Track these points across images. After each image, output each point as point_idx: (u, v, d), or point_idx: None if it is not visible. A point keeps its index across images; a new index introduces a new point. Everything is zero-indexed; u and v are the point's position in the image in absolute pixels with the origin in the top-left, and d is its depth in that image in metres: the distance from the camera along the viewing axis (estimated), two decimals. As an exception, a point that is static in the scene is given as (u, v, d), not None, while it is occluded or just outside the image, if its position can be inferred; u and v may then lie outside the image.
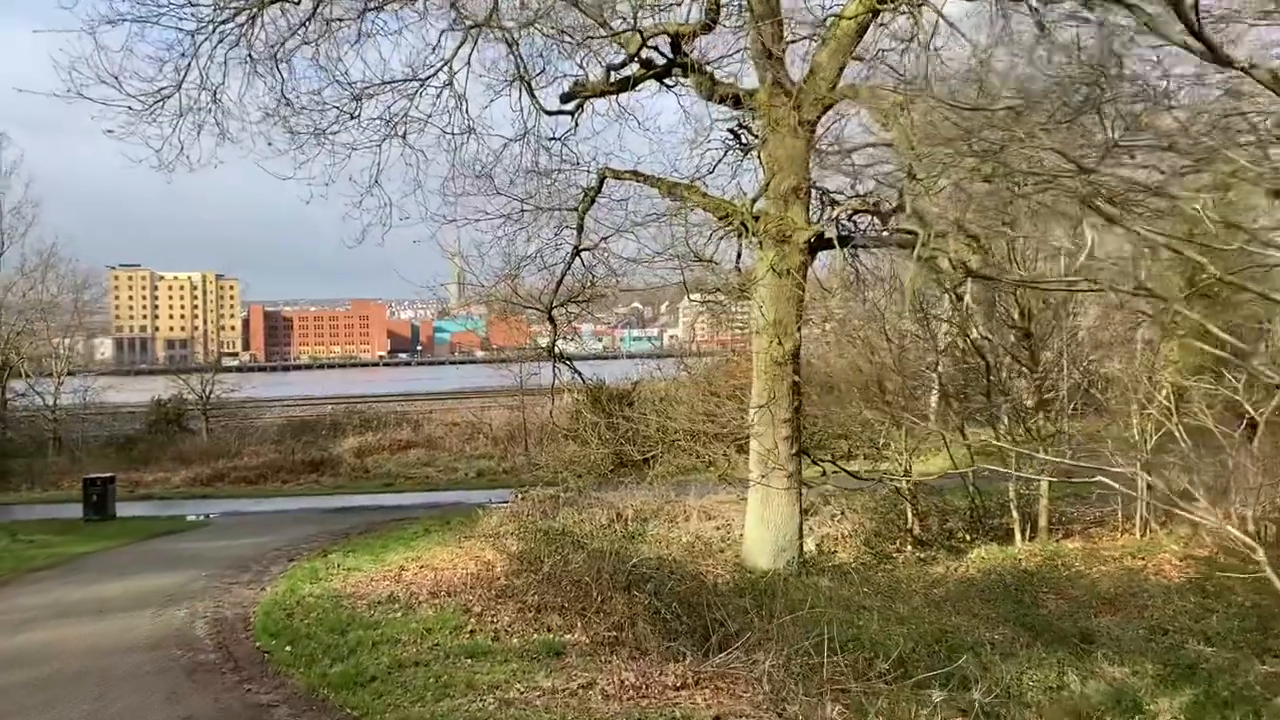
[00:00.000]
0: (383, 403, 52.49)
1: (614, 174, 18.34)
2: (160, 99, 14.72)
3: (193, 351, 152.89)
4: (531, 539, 17.27)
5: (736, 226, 16.78)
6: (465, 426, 44.23)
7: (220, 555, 19.93)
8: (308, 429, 43.95)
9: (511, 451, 39.34)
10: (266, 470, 36.85)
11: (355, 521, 25.55)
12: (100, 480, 28.94)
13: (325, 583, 15.55)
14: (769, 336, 16.63)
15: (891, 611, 14.60)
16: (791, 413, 16.83)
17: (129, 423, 44.39)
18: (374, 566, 17.16)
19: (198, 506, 30.99)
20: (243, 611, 13.76)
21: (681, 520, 21.80)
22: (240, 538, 23.16)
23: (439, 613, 12.33)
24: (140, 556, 20.39)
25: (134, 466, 37.47)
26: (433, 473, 37.25)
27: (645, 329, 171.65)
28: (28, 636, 12.61)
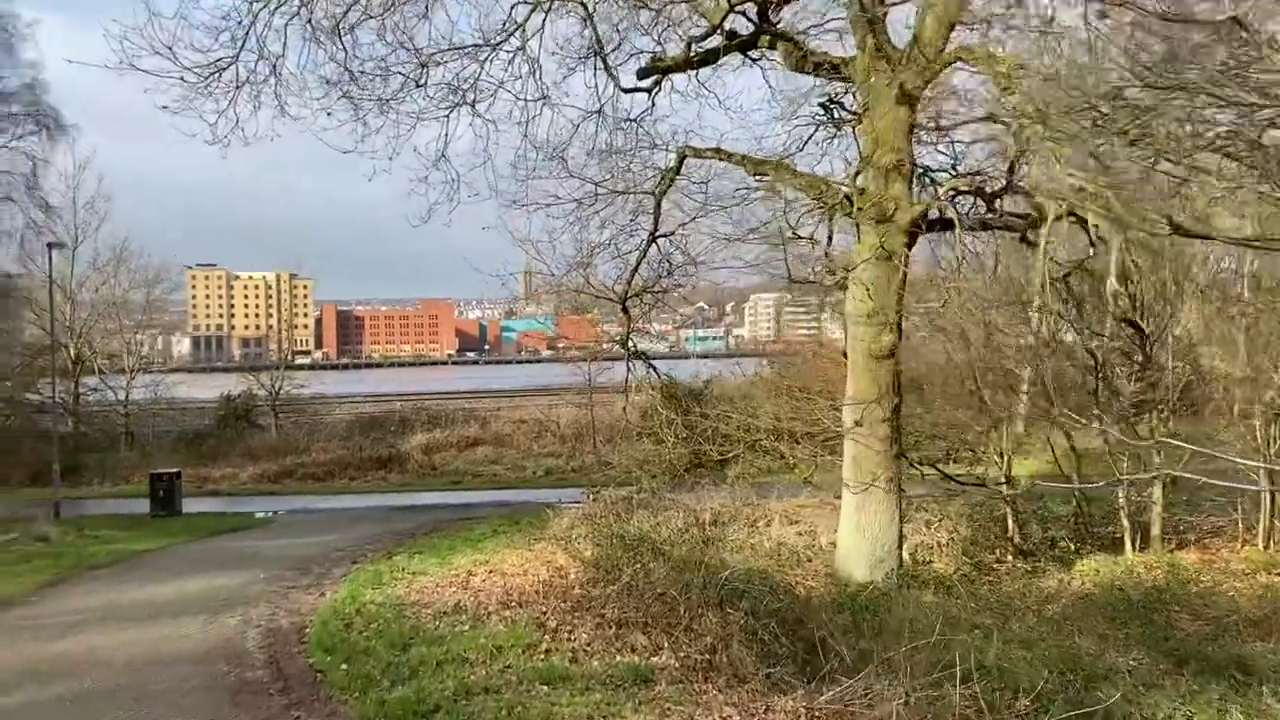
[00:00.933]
0: (451, 400, 51.67)
1: (695, 152, 16.95)
2: (216, 70, 13.68)
3: (266, 349, 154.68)
4: (607, 544, 15.97)
5: (832, 207, 15.28)
6: (533, 424, 43.14)
7: (282, 555, 18.94)
8: (376, 425, 43.20)
9: (580, 450, 38.16)
10: (334, 467, 36.10)
11: (422, 520, 24.52)
12: (167, 476, 28.31)
13: (388, 588, 14.39)
14: (867, 328, 15.11)
15: (1008, 632, 13.01)
16: (891, 412, 15.28)
17: (199, 419, 44.06)
18: (440, 570, 15.99)
19: (264, 503, 30.27)
20: (299, 620, 12.62)
21: (762, 525, 20.32)
22: (304, 536, 22.23)
23: (510, 627, 11.04)
24: (201, 555, 19.49)
25: (203, 462, 36.97)
26: (500, 471, 36.22)
27: (711, 328, 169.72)
28: (71, 643, 11.60)
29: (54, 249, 28.50)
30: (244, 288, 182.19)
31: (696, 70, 18.00)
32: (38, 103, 26.22)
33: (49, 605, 14.25)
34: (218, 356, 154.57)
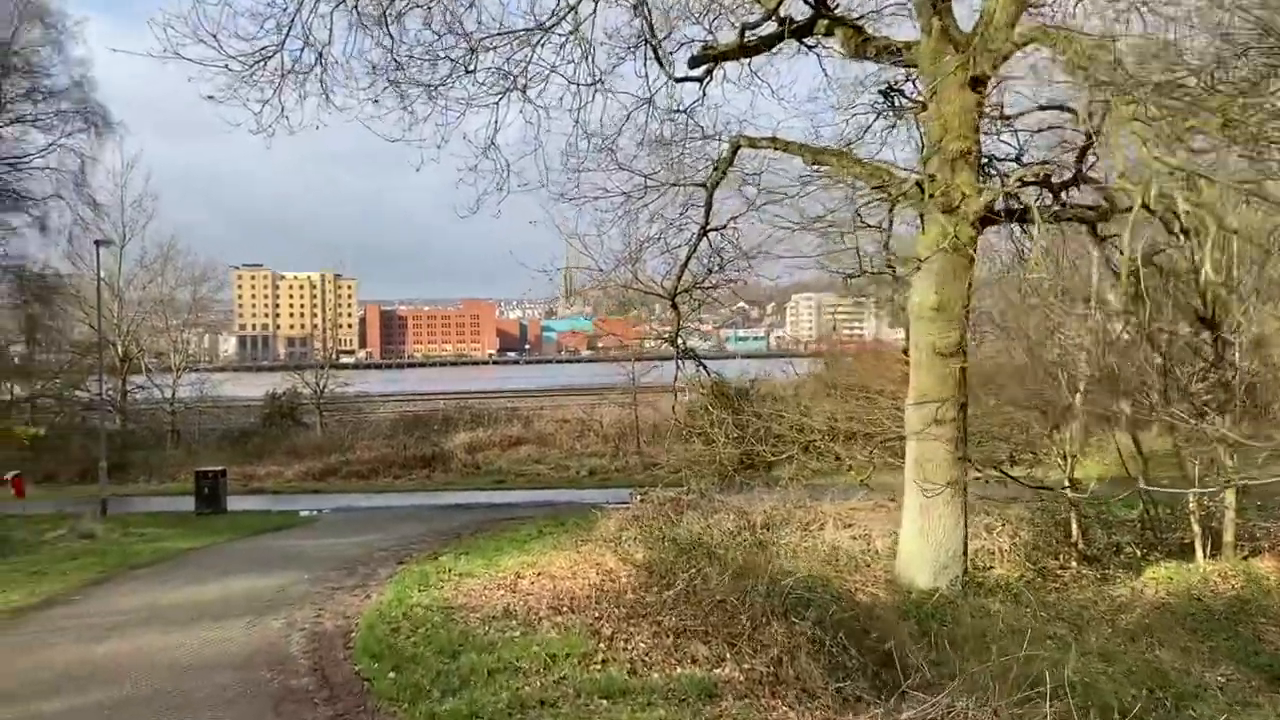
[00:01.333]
0: (494, 399, 51.41)
1: (750, 142, 16.32)
2: (261, 59, 13.27)
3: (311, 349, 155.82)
4: (659, 548, 15.41)
5: (897, 197, 14.60)
6: (575, 424, 42.72)
7: (326, 555, 18.57)
8: (420, 424, 42.97)
9: (623, 450, 37.65)
10: (378, 465, 35.90)
11: (466, 520, 24.12)
12: (212, 474, 28.16)
13: (435, 591, 13.90)
14: (933, 323, 14.42)
15: (1084, 644, 12.28)
16: (957, 411, 14.57)
17: (245, 417, 44.09)
18: (488, 572, 15.50)
19: (308, 501, 30.08)
20: (344, 624, 12.16)
21: (815, 528, 19.63)
22: (348, 535, 21.88)
23: (563, 634, 10.49)
24: (245, 554, 19.17)
25: (248, 460, 36.93)
26: (544, 470, 35.82)
27: (752, 328, 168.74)
28: (112, 646, 11.22)
29: (102, 246, 28.43)
30: (289, 288, 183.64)
31: (749, 58, 17.39)
32: (86, 100, 26.18)
33: (92, 604, 13.93)
34: (263, 355, 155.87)
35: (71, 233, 27.19)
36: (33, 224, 25.90)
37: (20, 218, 25.70)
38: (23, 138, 25.85)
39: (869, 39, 15.45)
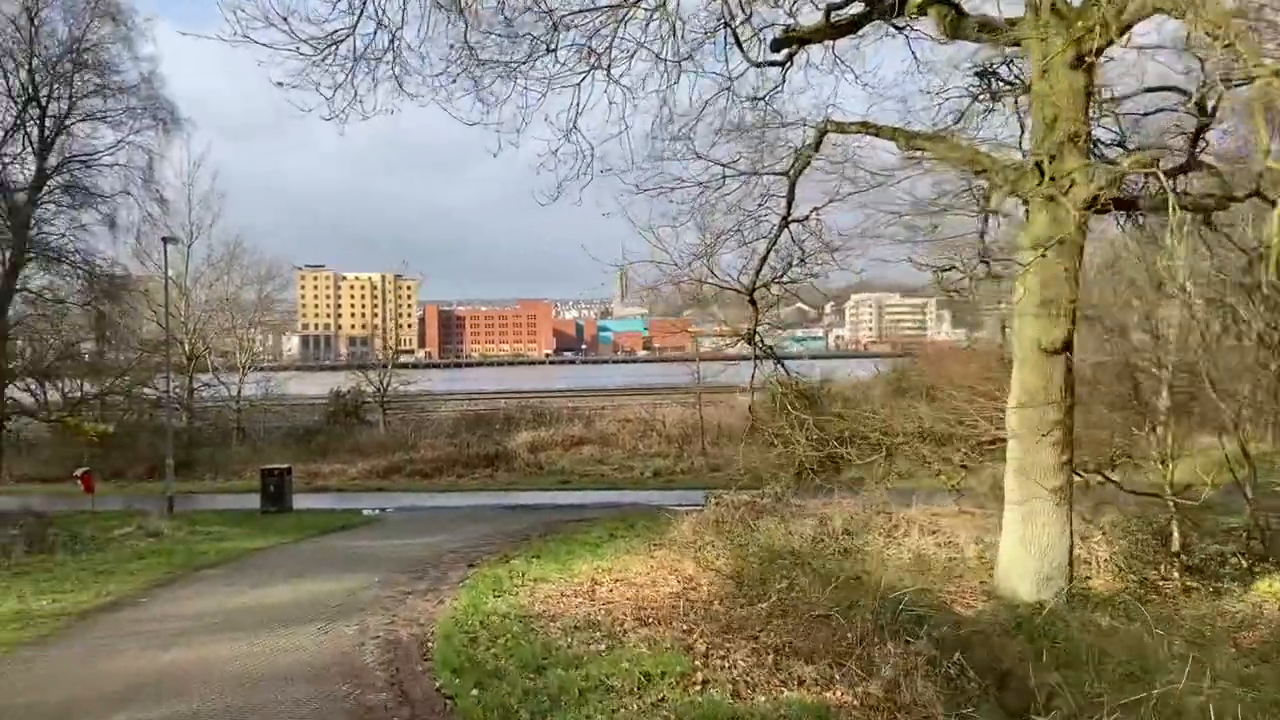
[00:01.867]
0: (555, 398, 50.91)
1: (837, 127, 15.42)
2: (332, 43, 12.70)
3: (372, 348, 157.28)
4: (744, 555, 14.61)
5: (999, 183, 13.63)
6: (638, 424, 42.01)
7: (394, 556, 18.02)
8: (482, 423, 42.56)
9: (687, 451, 36.84)
10: (442, 464, 35.50)
11: (533, 521, 23.51)
12: (277, 471, 27.88)
13: (511, 596, 13.23)
14: (1037, 319, 13.42)
15: (1211, 667, 11.23)
16: (1064, 413, 13.56)
17: (308, 415, 44.02)
18: (562, 577, 14.81)
19: (372, 500, 29.72)
20: (419, 631, 11.51)
21: (899, 534, 18.67)
22: (415, 536, 21.36)
23: (654, 649, 9.71)
24: (311, 555, 18.69)
25: (312, 458, 36.74)
26: (608, 470, 35.13)
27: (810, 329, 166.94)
28: (179, 654, 10.67)
29: (169, 243, 28.29)
30: (350, 288, 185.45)
31: (834, 40, 16.50)
32: (154, 97, 26.01)
33: (158, 607, 13.46)
34: (325, 355, 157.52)
35: (140, 230, 27.07)
36: (102, 221, 25.81)
37: (90, 214, 25.62)
38: (93, 135, 25.75)
39: (966, 17, 14.48)
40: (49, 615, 12.72)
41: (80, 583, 15.23)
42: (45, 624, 12.23)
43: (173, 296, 33.48)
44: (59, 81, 24.69)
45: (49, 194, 25.13)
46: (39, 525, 20.16)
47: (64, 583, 15.20)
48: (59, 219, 25.52)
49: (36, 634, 11.69)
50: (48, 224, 25.45)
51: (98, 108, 25.55)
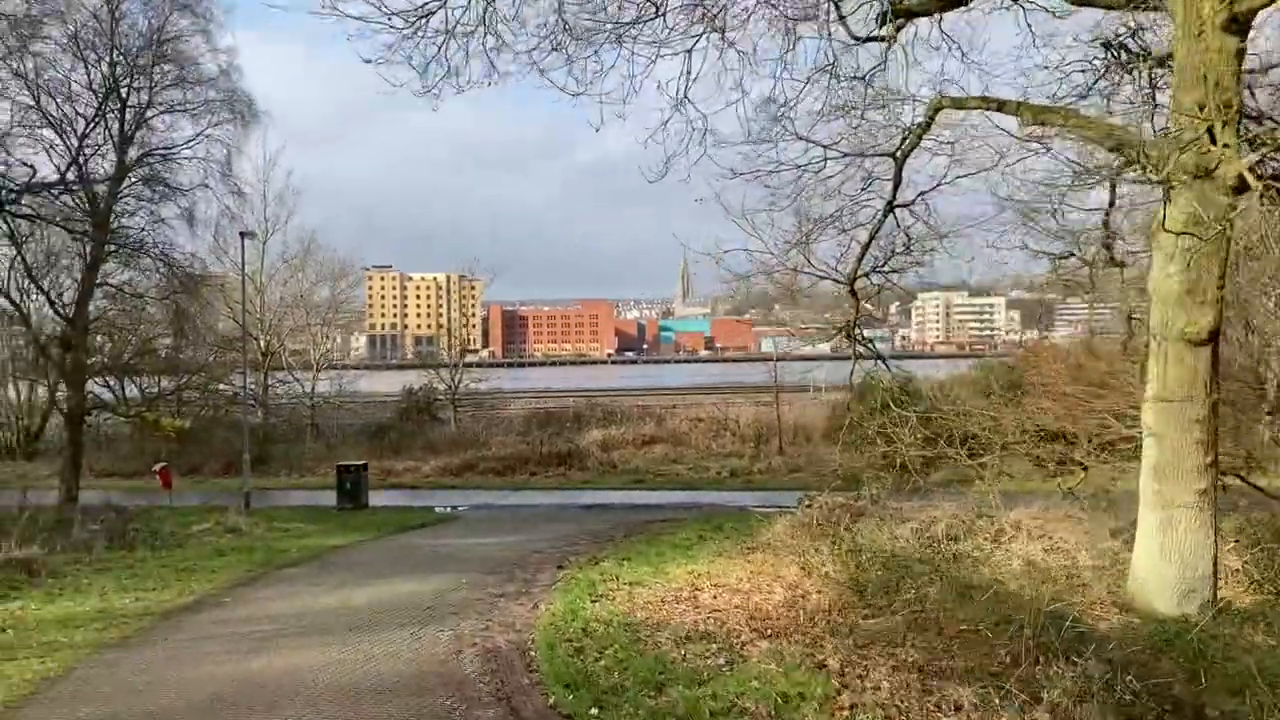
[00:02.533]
0: (624, 397, 50.13)
1: (954, 103, 14.31)
2: (424, 14, 11.96)
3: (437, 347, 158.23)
4: (856, 562, 13.57)
5: (1135, 160, 12.44)
6: (710, 423, 40.98)
7: (477, 556, 17.29)
8: (552, 421, 41.93)
9: (763, 451, 35.74)
10: (515, 461, 34.84)
11: (613, 520, 22.69)
12: (354, 468, 27.41)
13: (608, 602, 12.38)
14: (1178, 307, 12.21)
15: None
16: (1208, 410, 12.32)
17: (380, 412, 43.75)
18: (658, 581, 13.93)
19: (447, 498, 29.13)
20: (518, 638, 10.69)
21: (1005, 540, 17.45)
22: (495, 535, 20.67)
23: (782, 666, 8.76)
24: (392, 554, 18.04)
25: (385, 454, 36.31)
26: (682, 470, 34.19)
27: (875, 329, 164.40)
28: (267, 660, 9.96)
29: (246, 238, 27.99)
30: (416, 288, 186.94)
31: (943, 13, 15.41)
32: (233, 89, 25.57)
33: (242, 608, 12.82)
34: (392, 354, 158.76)
35: (219, 224, 26.69)
36: (181, 215, 25.41)
37: (169, 208, 25.24)
38: (172, 128, 25.41)
39: (1095, -19, 13.34)
40: (132, 614, 12.14)
41: (162, 580, 14.70)
42: (128, 623, 11.64)
43: (249, 293, 33.29)
44: (139, 74, 24.40)
45: (129, 187, 24.82)
46: (120, 521, 19.80)
47: (146, 580, 14.68)
48: (138, 213, 25.20)
49: (120, 634, 11.10)
50: (127, 218, 25.14)
51: (177, 100, 25.21)
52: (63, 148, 23.76)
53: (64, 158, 23.81)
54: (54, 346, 26.40)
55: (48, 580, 14.44)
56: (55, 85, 23.75)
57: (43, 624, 11.47)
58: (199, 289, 26.70)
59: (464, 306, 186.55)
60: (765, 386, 48.86)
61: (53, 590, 13.71)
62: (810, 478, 31.90)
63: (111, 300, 27.11)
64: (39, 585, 14.03)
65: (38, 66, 23.38)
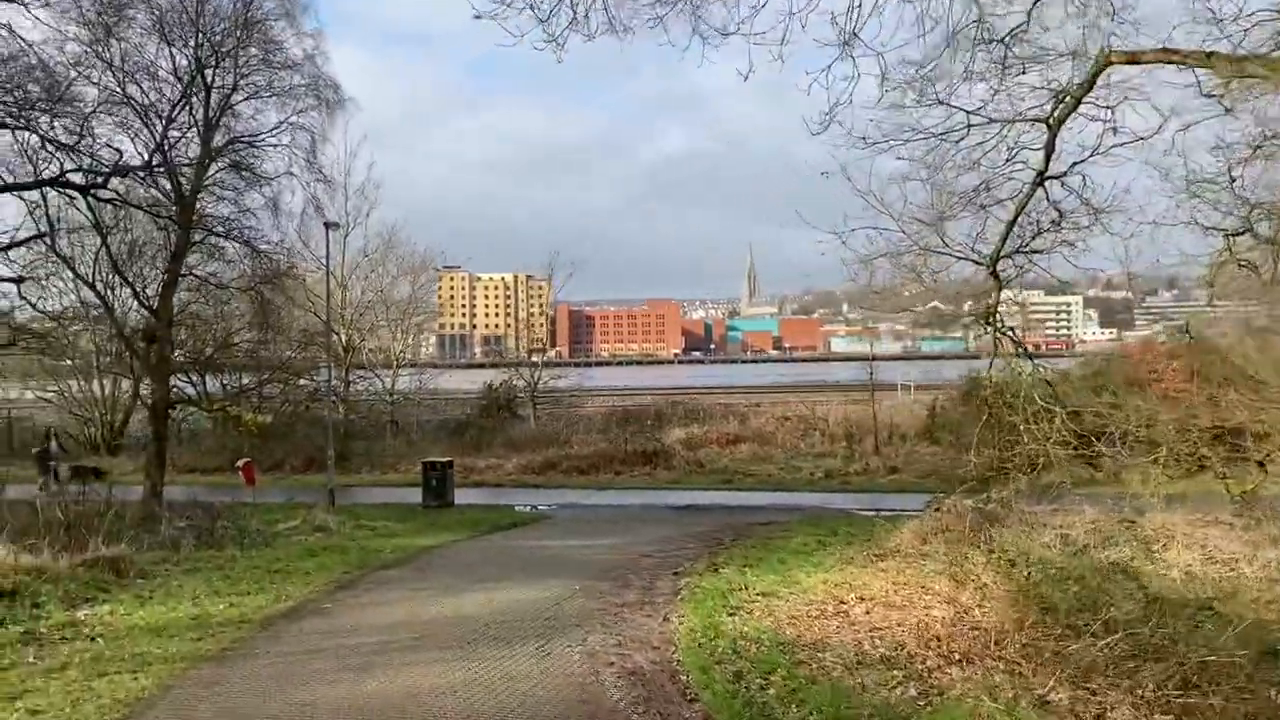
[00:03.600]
0: (703, 395, 48.69)
1: (1124, 58, 12.62)
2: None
3: (505, 347, 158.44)
4: (1018, 572, 12.04)
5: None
6: (796, 421, 39.36)
7: (584, 560, 16.03)
8: (631, 419, 40.57)
9: (857, 451, 34.01)
10: (598, 460, 33.61)
11: (714, 523, 21.33)
12: (440, 465, 26.39)
13: (747, 616, 11.03)
14: None
15: None
16: None
17: (458, 409, 42.88)
18: (792, 592, 12.54)
19: (531, 496, 28.00)
20: (659, 658, 9.36)
21: (1157, 548, 15.72)
22: (593, 537, 19.42)
23: (996, 700, 7.31)
24: (490, 556, 16.85)
25: (465, 452, 35.27)
26: (773, 470, 32.64)
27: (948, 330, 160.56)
28: (384, 682, 8.74)
29: (330, 229, 27.11)
30: (484, 289, 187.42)
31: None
32: (318, 75, 24.59)
33: (345, 615, 11.67)
34: (461, 354, 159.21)
35: (303, 214, 25.71)
36: (265, 205, 24.51)
37: (254, 197, 24.35)
38: (256, 114, 24.55)
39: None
40: (228, 622, 11.05)
41: (255, 582, 13.65)
42: (225, 633, 10.54)
43: (331, 288, 32.49)
44: (223, 58, 23.54)
45: (213, 175, 24.00)
46: (207, 518, 18.90)
47: (238, 582, 13.64)
48: (223, 201, 24.36)
49: (217, 646, 9.98)
50: (212, 206, 24.33)
51: (261, 86, 24.32)
52: (147, 134, 22.99)
53: (148, 145, 23.05)
54: (139, 339, 25.73)
55: (136, 581, 13.47)
56: (140, 70, 23.02)
57: (134, 632, 10.42)
58: (284, 280, 25.84)
59: (530, 306, 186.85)
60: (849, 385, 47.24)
61: (142, 592, 12.70)
62: (910, 479, 30.29)
63: (195, 292, 26.40)
64: (128, 586, 13.06)
65: (123, 51, 22.64)
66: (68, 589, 12.19)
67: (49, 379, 39.23)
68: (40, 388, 39.87)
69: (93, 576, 13.01)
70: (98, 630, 10.45)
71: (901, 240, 16.64)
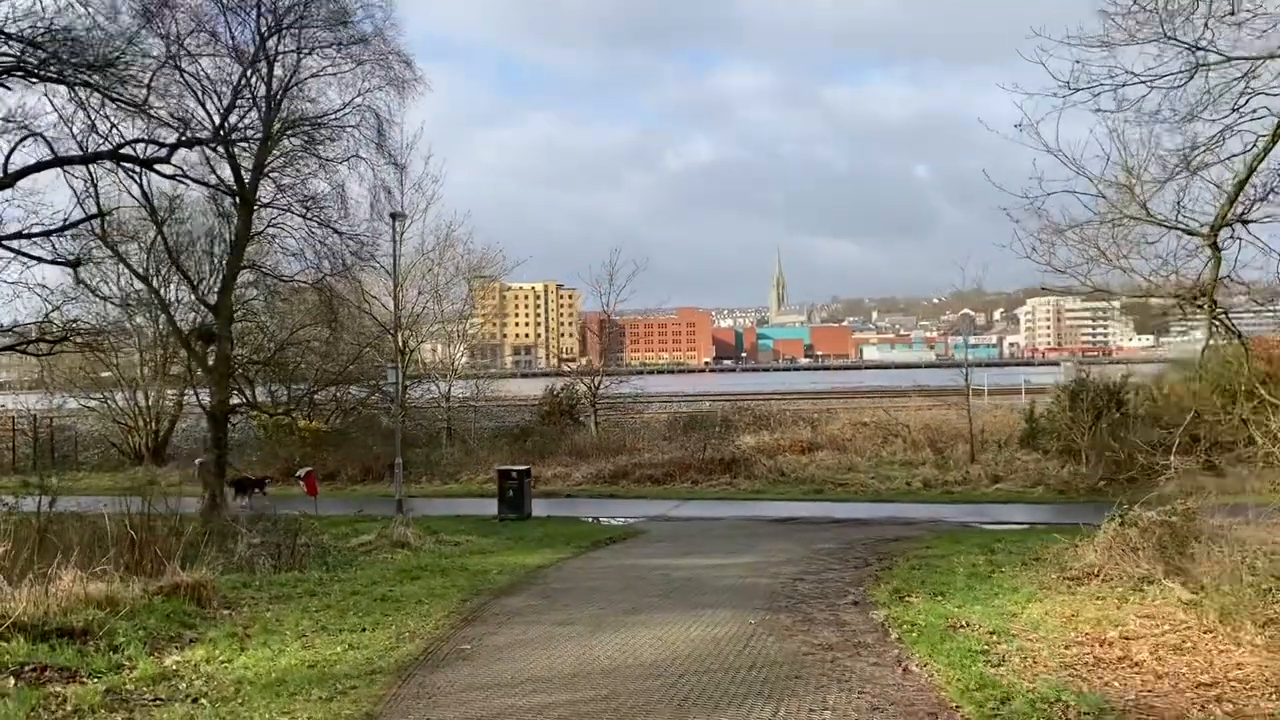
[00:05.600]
0: (769, 401, 46.19)
1: None
2: None
3: (535, 356, 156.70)
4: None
5: None
6: (875, 427, 36.77)
7: (725, 585, 13.65)
8: (696, 425, 38.10)
9: (951, 458, 31.45)
10: (672, 469, 31.21)
11: (835, 539, 18.97)
12: (517, 474, 24.12)
13: (1011, 665, 8.61)
14: None
15: None
16: None
17: (515, 415, 40.55)
18: (1026, 628, 10.18)
19: (608, 507, 25.66)
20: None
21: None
22: (713, 555, 17.07)
23: None
24: (616, 579, 14.42)
25: (528, 459, 32.81)
26: (863, 479, 30.14)
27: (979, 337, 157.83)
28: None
29: (397, 220, 24.88)
30: (515, 298, 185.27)
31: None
32: (386, 52, 22.42)
33: (496, 661, 9.22)
34: (492, 363, 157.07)
35: (374, 201, 23.43)
36: (333, 192, 22.33)
37: (319, 185, 22.18)
38: (320, 95, 22.39)
39: None
40: (356, 672, 8.64)
41: (364, 614, 11.30)
42: (358, 688, 8.13)
43: (389, 286, 30.26)
44: (287, 31, 21.42)
45: (276, 160, 21.85)
46: (286, 534, 16.58)
47: (344, 614, 11.28)
48: (285, 185, 22.15)
49: (358, 711, 7.58)
50: (275, 194, 22.16)
51: (327, 66, 22.18)
52: (203, 114, 20.87)
53: (208, 127, 20.91)
54: (195, 339, 23.59)
55: (223, 612, 11.18)
56: (200, 46, 20.92)
57: (244, 688, 8.04)
58: (354, 274, 23.62)
59: (561, 315, 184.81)
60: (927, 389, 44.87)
61: (235, 628, 10.37)
62: (1015, 489, 27.74)
63: (253, 288, 24.31)
64: (215, 620, 10.75)
65: (180, 27, 20.52)
66: (147, 625, 9.88)
67: (92, 385, 37.06)
68: (84, 395, 37.71)
69: (174, 608, 10.69)
70: (197, 687, 8.09)
71: (1098, 205, 14.27)
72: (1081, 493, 26.06)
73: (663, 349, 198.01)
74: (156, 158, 18.89)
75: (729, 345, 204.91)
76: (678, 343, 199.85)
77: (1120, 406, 27.46)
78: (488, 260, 39.47)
